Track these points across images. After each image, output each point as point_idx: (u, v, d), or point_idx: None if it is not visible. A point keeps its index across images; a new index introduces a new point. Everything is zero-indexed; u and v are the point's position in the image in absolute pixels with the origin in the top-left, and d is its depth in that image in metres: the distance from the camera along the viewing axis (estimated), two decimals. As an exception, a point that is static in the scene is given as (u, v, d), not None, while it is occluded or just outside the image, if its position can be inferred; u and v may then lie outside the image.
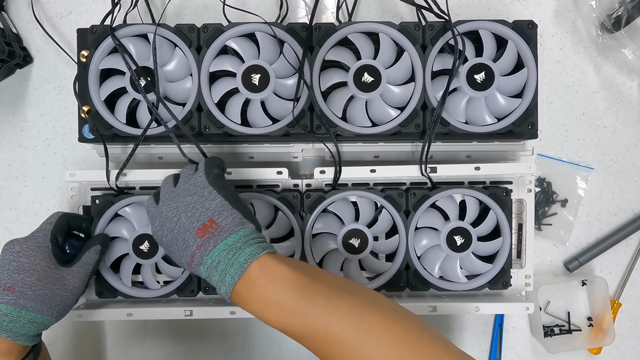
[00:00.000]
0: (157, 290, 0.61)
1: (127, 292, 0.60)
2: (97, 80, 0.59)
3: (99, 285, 0.61)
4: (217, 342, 0.73)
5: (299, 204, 0.60)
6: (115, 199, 0.60)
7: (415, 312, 0.58)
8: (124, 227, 0.60)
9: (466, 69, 0.57)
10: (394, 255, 0.61)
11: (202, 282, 0.60)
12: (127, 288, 0.60)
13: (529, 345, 0.72)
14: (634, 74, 0.72)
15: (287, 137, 0.60)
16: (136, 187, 0.61)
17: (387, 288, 0.60)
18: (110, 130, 0.59)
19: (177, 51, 0.58)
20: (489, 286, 0.60)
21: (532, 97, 0.58)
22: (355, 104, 0.59)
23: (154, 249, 0.59)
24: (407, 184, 0.62)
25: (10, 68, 0.71)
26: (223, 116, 0.58)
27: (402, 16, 0.71)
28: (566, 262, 0.71)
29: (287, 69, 0.58)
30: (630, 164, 0.72)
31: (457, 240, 0.59)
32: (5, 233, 0.73)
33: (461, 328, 0.72)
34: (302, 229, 0.60)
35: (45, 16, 0.72)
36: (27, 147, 0.73)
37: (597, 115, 0.72)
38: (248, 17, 0.69)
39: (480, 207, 0.61)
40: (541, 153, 0.72)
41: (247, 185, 0.61)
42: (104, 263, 0.60)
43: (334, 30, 0.58)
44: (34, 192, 0.73)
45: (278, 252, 0.59)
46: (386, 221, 0.60)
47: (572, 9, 0.72)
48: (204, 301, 0.62)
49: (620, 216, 0.72)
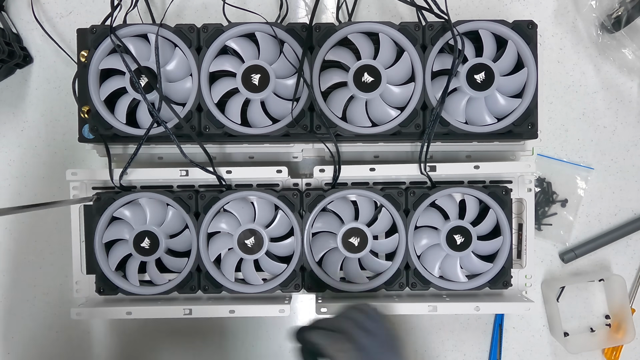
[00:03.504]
0: (157, 287, 0.61)
1: (128, 288, 0.60)
2: (97, 80, 0.59)
3: (100, 282, 0.61)
4: (217, 342, 0.73)
5: (299, 202, 0.60)
6: (116, 195, 0.60)
7: (415, 311, 0.59)
8: (123, 228, 0.60)
9: (466, 69, 0.57)
10: (393, 254, 0.61)
11: (202, 280, 0.60)
12: (128, 285, 0.61)
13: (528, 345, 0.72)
14: (634, 74, 0.72)
15: (287, 137, 0.60)
16: (137, 185, 0.62)
17: (386, 287, 0.60)
18: (110, 130, 0.59)
19: (177, 51, 0.58)
20: (489, 286, 0.60)
21: (532, 97, 0.58)
22: (355, 104, 0.59)
23: (155, 244, 0.59)
24: (406, 183, 0.62)
25: (10, 68, 0.71)
26: (223, 116, 0.58)
27: (402, 16, 0.71)
28: (562, 253, 0.71)
29: (287, 69, 0.58)
30: (630, 164, 0.72)
31: (457, 239, 0.59)
32: (6, 233, 0.73)
33: (461, 328, 0.72)
34: (301, 227, 0.60)
35: (45, 16, 0.72)
36: (27, 147, 0.73)
37: (597, 115, 0.72)
38: (248, 17, 0.69)
39: (480, 206, 0.61)
40: (541, 153, 0.72)
41: (247, 184, 0.61)
42: (107, 264, 0.60)
43: (334, 30, 0.58)
44: (34, 192, 0.73)
45: (278, 251, 0.59)
46: (386, 220, 0.60)
47: (572, 9, 0.72)
48: (204, 300, 0.62)
49: (620, 216, 0.72)
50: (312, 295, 0.72)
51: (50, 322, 0.73)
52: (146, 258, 0.60)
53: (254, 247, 0.59)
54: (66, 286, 0.73)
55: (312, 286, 0.60)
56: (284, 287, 0.60)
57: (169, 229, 0.61)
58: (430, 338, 0.72)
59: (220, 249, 0.61)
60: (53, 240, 0.73)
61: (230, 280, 0.60)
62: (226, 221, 0.60)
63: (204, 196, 0.60)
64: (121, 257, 0.61)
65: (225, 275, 0.61)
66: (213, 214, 0.60)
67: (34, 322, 0.73)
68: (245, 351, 0.73)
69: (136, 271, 0.61)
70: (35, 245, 0.73)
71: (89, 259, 0.62)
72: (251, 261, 0.60)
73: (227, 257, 0.61)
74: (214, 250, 0.61)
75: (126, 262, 0.61)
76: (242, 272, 0.61)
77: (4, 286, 0.73)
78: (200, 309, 0.59)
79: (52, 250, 0.73)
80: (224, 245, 0.60)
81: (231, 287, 0.60)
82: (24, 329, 0.73)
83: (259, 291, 0.60)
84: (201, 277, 0.60)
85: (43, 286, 0.73)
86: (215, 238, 0.61)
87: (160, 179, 0.61)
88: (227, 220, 0.60)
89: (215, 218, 0.60)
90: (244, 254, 0.59)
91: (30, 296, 0.73)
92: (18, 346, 0.74)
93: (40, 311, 0.73)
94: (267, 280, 0.61)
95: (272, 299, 0.62)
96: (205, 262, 0.60)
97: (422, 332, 0.72)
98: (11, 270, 0.73)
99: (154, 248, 0.59)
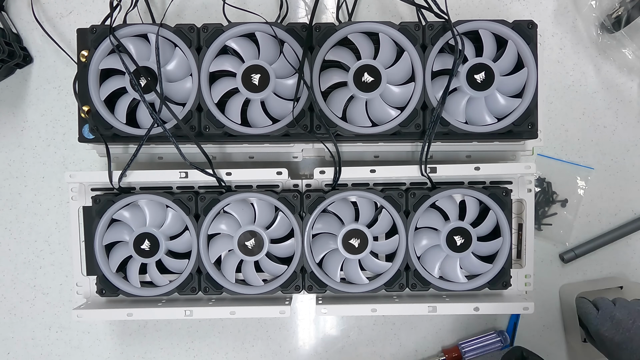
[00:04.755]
0: (158, 289, 0.61)
1: (129, 290, 0.60)
2: (97, 80, 0.59)
3: (101, 284, 0.61)
4: (217, 342, 0.73)
5: (299, 204, 0.60)
6: (116, 197, 0.60)
7: (415, 312, 0.59)
8: (123, 230, 0.60)
9: (466, 69, 0.57)
10: (393, 255, 0.61)
11: (203, 282, 0.60)
12: (129, 286, 0.61)
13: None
14: (634, 74, 0.72)
15: (287, 137, 0.60)
16: (136, 187, 0.61)
17: (387, 288, 0.60)
18: (111, 130, 0.59)
19: (177, 51, 0.58)
20: (488, 286, 0.60)
21: (532, 97, 0.58)
22: (355, 104, 0.59)
23: (155, 246, 0.59)
24: (407, 184, 0.62)
25: (10, 68, 0.71)
26: (223, 116, 0.58)
27: (402, 16, 0.71)
28: (562, 253, 0.71)
29: (287, 69, 0.58)
30: (630, 164, 0.72)
31: (457, 241, 0.59)
32: (5, 233, 0.73)
33: (461, 328, 0.72)
34: (302, 229, 0.60)
35: (45, 16, 0.72)
36: (27, 147, 0.73)
37: (597, 115, 0.72)
38: (248, 17, 0.69)
39: (480, 207, 0.61)
40: (541, 153, 0.72)
41: (247, 186, 0.61)
42: (108, 266, 0.60)
43: (334, 30, 0.58)
44: (34, 192, 0.73)
45: (278, 252, 0.59)
46: (386, 221, 0.60)
47: (572, 9, 0.72)
48: (204, 301, 0.62)
49: (620, 216, 0.72)
50: (312, 296, 0.72)
51: (50, 322, 0.73)
52: (147, 260, 0.60)
53: (254, 249, 0.59)
54: (66, 286, 0.73)
55: (312, 287, 0.60)
56: (285, 288, 0.60)
57: (169, 230, 0.61)
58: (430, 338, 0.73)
59: (221, 251, 0.61)
60: (53, 240, 0.73)
61: (230, 282, 0.60)
62: (226, 223, 0.60)
63: (204, 198, 0.60)
64: (122, 259, 0.61)
65: (226, 277, 0.60)
66: (213, 216, 0.60)
67: (34, 322, 0.73)
68: (245, 351, 0.73)
69: (137, 273, 0.61)
70: (36, 245, 0.73)
71: (89, 260, 0.62)
72: (252, 262, 0.60)
73: (228, 259, 0.61)
74: (215, 252, 0.60)
75: (127, 263, 0.61)
76: (243, 273, 0.61)
77: (4, 286, 0.73)
78: (201, 310, 0.59)
79: (52, 250, 0.73)
80: (224, 246, 0.60)
81: (232, 289, 0.60)
82: (24, 329, 0.73)
83: (259, 292, 0.60)
84: (202, 278, 0.60)
85: (43, 286, 0.73)
86: (216, 240, 0.61)
87: (159, 181, 0.61)
88: (227, 221, 0.60)
89: (216, 220, 0.60)
90: (244, 256, 0.59)
91: (31, 296, 0.73)
92: (18, 346, 0.74)
93: (40, 311, 0.73)
94: (267, 281, 0.61)
95: (272, 300, 0.62)
96: (206, 264, 0.60)
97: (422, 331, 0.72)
98: (11, 270, 0.73)
99: (155, 250, 0.59)
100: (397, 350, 0.73)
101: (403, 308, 0.59)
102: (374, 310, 0.59)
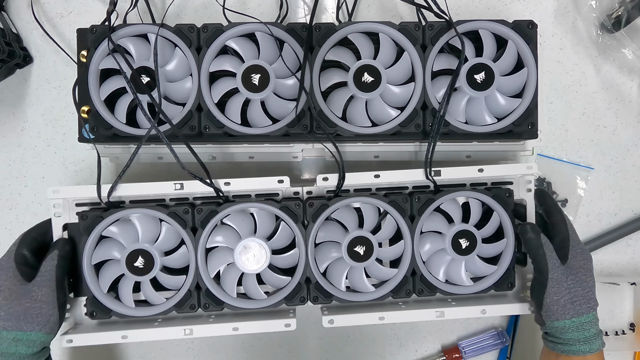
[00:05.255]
0: (154, 308, 0.58)
1: (122, 311, 0.57)
2: (97, 80, 0.59)
3: (92, 306, 0.57)
4: (217, 342, 0.73)
5: (302, 212, 0.58)
6: (105, 213, 0.56)
7: (423, 318, 0.58)
8: (113, 247, 0.57)
9: (466, 69, 0.57)
10: (398, 261, 0.59)
11: (202, 298, 0.58)
12: (122, 307, 0.57)
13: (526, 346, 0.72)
14: (634, 74, 0.72)
15: (287, 137, 0.60)
16: (126, 201, 0.59)
17: (394, 295, 0.59)
18: (110, 131, 0.59)
19: (177, 51, 0.58)
20: (494, 288, 0.60)
21: (532, 97, 0.58)
22: (355, 104, 0.59)
23: (149, 263, 0.56)
24: (409, 188, 0.61)
25: (10, 68, 0.71)
26: (223, 116, 0.58)
27: (402, 16, 0.71)
28: None
29: (287, 69, 0.58)
30: (630, 164, 0.72)
31: (462, 244, 0.58)
32: (5, 233, 0.73)
33: (460, 327, 0.72)
34: (305, 238, 0.57)
35: (45, 16, 0.72)
36: (27, 147, 0.73)
37: (597, 115, 0.72)
38: (248, 17, 0.69)
39: (482, 208, 0.61)
40: (541, 153, 0.72)
41: (245, 195, 0.59)
42: (98, 286, 0.57)
43: (334, 30, 0.58)
44: (34, 192, 0.73)
45: (280, 263, 0.58)
46: (390, 227, 0.59)
47: (572, 9, 0.72)
48: (204, 318, 0.59)
49: (620, 216, 0.72)
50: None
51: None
52: (140, 278, 0.56)
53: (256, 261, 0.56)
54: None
55: (318, 298, 0.58)
56: (289, 300, 0.57)
57: (163, 245, 0.57)
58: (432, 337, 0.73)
59: (220, 265, 0.58)
60: (53, 240, 0.73)
61: (232, 297, 0.58)
62: (224, 235, 0.57)
63: (201, 210, 0.57)
64: (113, 278, 0.57)
65: (227, 292, 0.58)
66: (211, 229, 0.57)
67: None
68: (245, 351, 0.73)
69: (130, 292, 0.57)
70: (35, 245, 0.73)
71: (76, 280, 0.58)
72: (253, 275, 0.58)
73: (228, 273, 0.58)
74: (214, 266, 0.58)
75: (118, 282, 0.58)
76: (244, 287, 0.58)
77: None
78: (201, 328, 0.56)
79: (52, 251, 0.73)
80: (223, 260, 0.58)
81: (234, 304, 0.57)
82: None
83: (263, 306, 0.58)
84: (201, 294, 0.57)
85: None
86: (214, 253, 0.58)
87: (151, 194, 0.58)
88: (225, 233, 0.57)
89: (214, 232, 0.58)
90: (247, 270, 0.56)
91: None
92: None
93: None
94: (270, 293, 0.59)
95: (276, 313, 0.59)
96: (205, 279, 0.57)
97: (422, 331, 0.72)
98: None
99: (149, 267, 0.56)
100: (397, 350, 0.73)
101: (411, 315, 0.58)
102: (382, 319, 0.57)
